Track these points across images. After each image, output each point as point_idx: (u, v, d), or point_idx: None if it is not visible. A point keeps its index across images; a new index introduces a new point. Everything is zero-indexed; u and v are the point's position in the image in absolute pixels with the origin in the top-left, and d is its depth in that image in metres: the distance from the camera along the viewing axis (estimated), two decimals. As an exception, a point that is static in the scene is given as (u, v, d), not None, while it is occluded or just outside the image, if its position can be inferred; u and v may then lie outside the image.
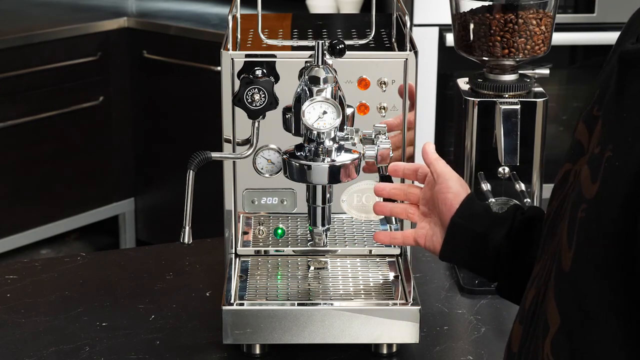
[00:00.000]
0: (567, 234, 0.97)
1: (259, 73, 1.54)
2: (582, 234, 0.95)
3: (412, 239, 1.47)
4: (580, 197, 0.96)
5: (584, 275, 0.94)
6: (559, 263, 0.98)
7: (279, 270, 1.65)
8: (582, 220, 0.95)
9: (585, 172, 0.97)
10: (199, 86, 3.64)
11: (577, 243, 0.95)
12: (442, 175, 1.42)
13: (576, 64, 3.45)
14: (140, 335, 1.60)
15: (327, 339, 1.53)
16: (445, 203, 1.41)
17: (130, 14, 3.87)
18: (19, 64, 3.53)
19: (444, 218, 1.41)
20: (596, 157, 0.96)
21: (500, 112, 1.75)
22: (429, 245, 1.45)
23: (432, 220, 1.44)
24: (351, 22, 1.87)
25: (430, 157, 1.45)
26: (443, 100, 3.22)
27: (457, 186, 1.42)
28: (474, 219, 1.39)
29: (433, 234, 1.44)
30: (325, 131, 1.45)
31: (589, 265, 0.94)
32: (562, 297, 0.97)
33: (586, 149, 1.02)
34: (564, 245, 0.98)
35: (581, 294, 0.94)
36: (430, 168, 1.44)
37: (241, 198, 1.66)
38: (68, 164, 3.76)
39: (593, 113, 1.03)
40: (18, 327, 1.63)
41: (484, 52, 1.78)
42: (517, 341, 1.08)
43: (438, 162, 1.44)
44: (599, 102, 1.02)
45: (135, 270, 1.82)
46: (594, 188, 0.94)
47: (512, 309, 1.71)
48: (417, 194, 1.47)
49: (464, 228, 1.39)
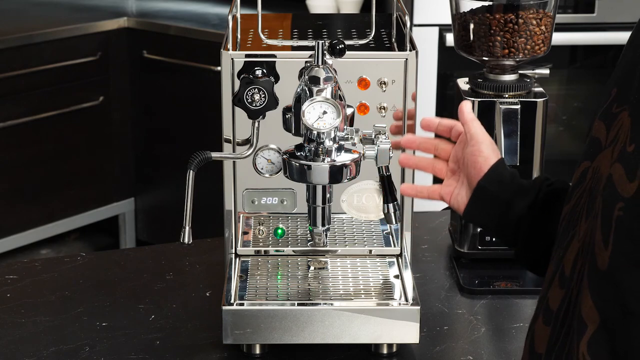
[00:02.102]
0: (602, 233, 0.97)
1: (259, 73, 1.54)
2: (622, 232, 0.94)
3: (437, 193, 1.47)
4: (615, 195, 0.96)
5: (625, 273, 0.94)
6: (594, 262, 0.97)
7: (279, 270, 1.65)
8: (620, 219, 0.94)
9: (619, 171, 0.96)
10: (199, 86, 3.64)
11: (615, 241, 0.95)
12: (475, 137, 1.43)
13: (576, 64, 3.45)
14: (140, 335, 1.60)
15: (327, 339, 1.53)
16: (475, 166, 1.42)
17: (130, 14, 3.87)
18: (19, 64, 3.53)
19: (471, 180, 1.42)
20: (631, 155, 0.95)
21: (500, 112, 1.75)
22: (453, 203, 1.45)
23: (459, 178, 1.45)
24: (351, 22, 1.87)
25: (466, 117, 1.45)
26: (443, 100, 3.22)
27: (488, 150, 1.42)
28: (501, 186, 1.40)
29: (458, 193, 1.45)
30: (325, 131, 1.45)
31: (630, 263, 0.93)
32: (600, 296, 0.96)
33: (604, 144, 1.01)
34: (599, 244, 0.97)
35: (622, 292, 0.94)
36: (465, 128, 1.45)
37: (241, 198, 1.66)
38: (68, 164, 3.76)
39: (612, 110, 1.02)
40: (18, 327, 1.63)
41: (484, 52, 1.78)
42: (542, 342, 1.07)
43: (473, 122, 1.44)
44: (618, 100, 1.02)
45: (135, 270, 1.82)
46: (632, 186, 0.93)
47: (512, 309, 1.72)
48: (447, 150, 1.48)
49: (489, 193, 1.40)
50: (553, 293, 1.07)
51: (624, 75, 1.04)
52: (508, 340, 1.62)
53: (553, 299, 1.07)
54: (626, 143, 0.97)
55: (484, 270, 1.83)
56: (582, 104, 3.49)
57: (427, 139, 1.50)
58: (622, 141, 0.98)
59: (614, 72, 1.08)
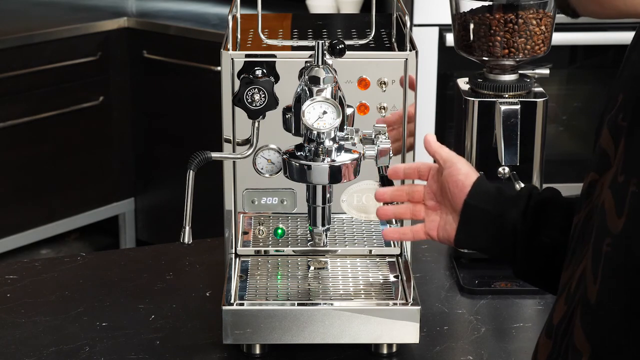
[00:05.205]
0: (592, 266, 0.95)
1: (259, 73, 1.54)
2: (608, 268, 0.92)
3: (422, 232, 1.44)
4: (604, 229, 0.93)
5: (612, 310, 0.92)
6: (585, 292, 0.96)
7: (279, 270, 1.65)
8: (607, 255, 0.92)
9: (609, 202, 0.94)
10: (199, 86, 3.64)
11: (603, 277, 0.92)
12: (449, 160, 1.40)
13: (576, 64, 3.45)
14: (140, 335, 1.60)
15: (327, 339, 1.53)
16: (457, 185, 1.38)
17: (130, 14, 3.87)
18: (19, 64, 3.53)
19: (456, 202, 1.38)
20: (621, 187, 0.92)
21: (500, 112, 1.75)
22: (442, 235, 1.42)
23: (442, 210, 1.42)
24: (351, 22, 1.87)
25: (433, 146, 1.42)
26: (443, 100, 3.22)
27: (466, 167, 1.40)
28: (488, 200, 1.36)
29: (445, 223, 1.41)
30: (325, 131, 1.45)
31: (616, 300, 0.91)
32: (590, 329, 0.95)
33: (612, 160, 0.98)
34: (589, 276, 0.95)
35: (610, 328, 0.92)
36: (436, 156, 1.42)
37: (241, 198, 1.66)
38: (68, 164, 3.76)
39: (618, 122, 0.98)
40: (18, 327, 1.63)
41: (484, 52, 1.78)
42: (544, 355, 1.06)
43: (442, 148, 1.42)
44: (624, 110, 0.98)
45: (135, 270, 1.82)
46: (619, 222, 0.91)
47: (512, 309, 1.72)
48: (420, 192, 1.45)
49: (478, 209, 1.36)
50: (558, 306, 1.06)
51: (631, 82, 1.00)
52: (508, 340, 1.62)
53: (557, 313, 1.05)
54: (618, 171, 0.94)
55: (484, 270, 1.82)
56: (582, 104, 3.49)
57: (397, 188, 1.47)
58: (616, 166, 0.95)
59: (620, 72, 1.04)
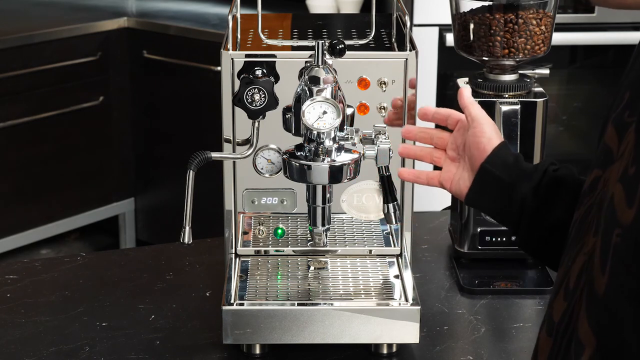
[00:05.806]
0: (601, 258, 0.94)
1: (259, 73, 1.54)
2: (618, 260, 0.91)
3: (436, 180, 1.45)
4: (614, 220, 0.92)
5: (620, 303, 0.91)
6: (592, 285, 0.95)
7: (279, 270, 1.65)
8: (617, 246, 0.91)
9: (619, 193, 0.93)
10: (199, 86, 3.64)
11: (612, 269, 0.92)
12: (477, 119, 1.40)
13: (576, 64, 3.45)
14: (140, 335, 1.60)
15: (327, 339, 1.53)
16: (478, 147, 1.39)
17: (130, 14, 3.87)
18: (19, 64, 3.53)
19: (474, 162, 1.39)
20: (632, 179, 0.92)
21: (500, 112, 1.75)
22: (454, 188, 1.43)
23: (460, 164, 1.43)
24: (351, 22, 1.87)
25: (466, 101, 1.42)
26: (443, 100, 3.23)
27: (491, 131, 1.40)
28: (505, 168, 1.37)
29: (460, 178, 1.42)
30: (325, 131, 1.46)
31: (625, 293, 0.90)
32: (597, 322, 0.94)
33: (616, 155, 0.98)
34: (597, 268, 0.94)
35: (617, 321, 0.91)
36: (465, 111, 1.42)
37: (241, 198, 1.66)
38: (68, 164, 3.76)
39: (625, 119, 0.98)
40: (18, 327, 1.63)
41: (484, 52, 1.78)
42: (544, 353, 1.06)
43: (474, 105, 1.42)
44: (631, 107, 0.98)
45: (135, 270, 1.82)
46: (630, 213, 0.90)
47: (512, 309, 1.72)
48: (445, 139, 1.45)
49: (492, 175, 1.37)
50: (557, 304, 1.05)
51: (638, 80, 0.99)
52: (508, 340, 1.62)
53: (556, 310, 1.05)
54: (629, 163, 0.94)
55: (484, 270, 1.83)
56: (582, 104, 3.49)
57: (424, 129, 1.48)
58: (627, 159, 0.95)
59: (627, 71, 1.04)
